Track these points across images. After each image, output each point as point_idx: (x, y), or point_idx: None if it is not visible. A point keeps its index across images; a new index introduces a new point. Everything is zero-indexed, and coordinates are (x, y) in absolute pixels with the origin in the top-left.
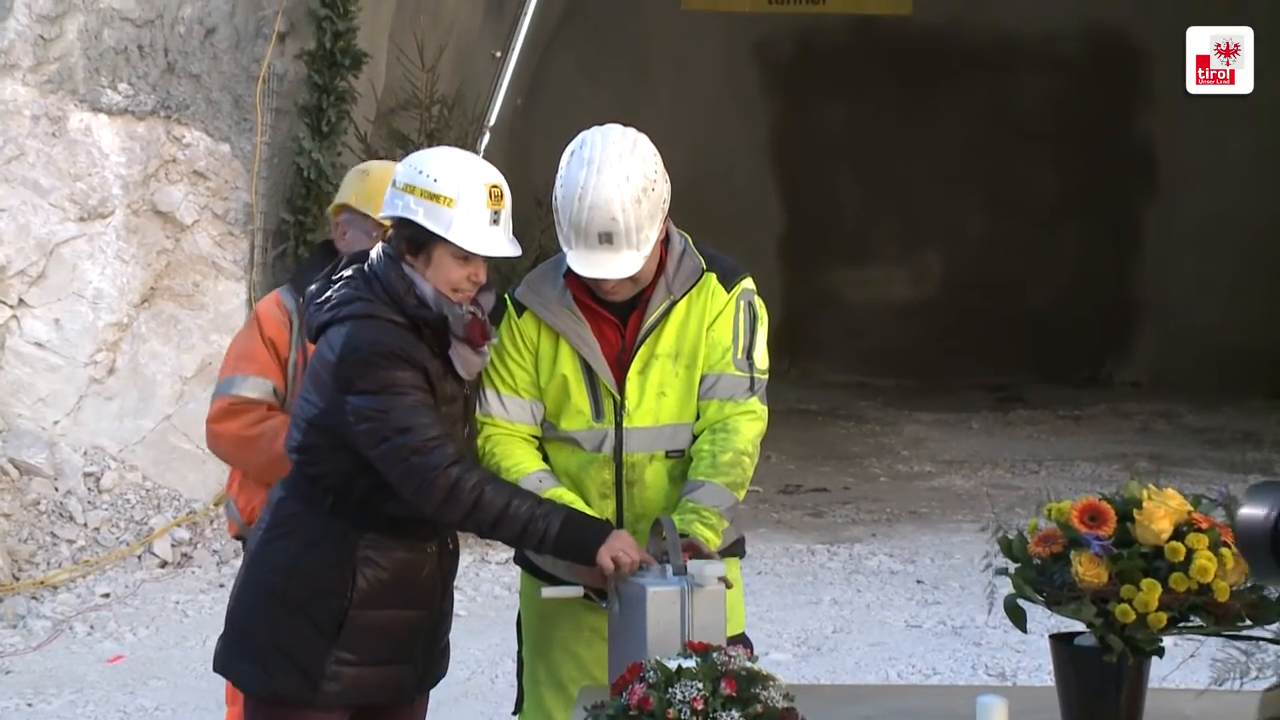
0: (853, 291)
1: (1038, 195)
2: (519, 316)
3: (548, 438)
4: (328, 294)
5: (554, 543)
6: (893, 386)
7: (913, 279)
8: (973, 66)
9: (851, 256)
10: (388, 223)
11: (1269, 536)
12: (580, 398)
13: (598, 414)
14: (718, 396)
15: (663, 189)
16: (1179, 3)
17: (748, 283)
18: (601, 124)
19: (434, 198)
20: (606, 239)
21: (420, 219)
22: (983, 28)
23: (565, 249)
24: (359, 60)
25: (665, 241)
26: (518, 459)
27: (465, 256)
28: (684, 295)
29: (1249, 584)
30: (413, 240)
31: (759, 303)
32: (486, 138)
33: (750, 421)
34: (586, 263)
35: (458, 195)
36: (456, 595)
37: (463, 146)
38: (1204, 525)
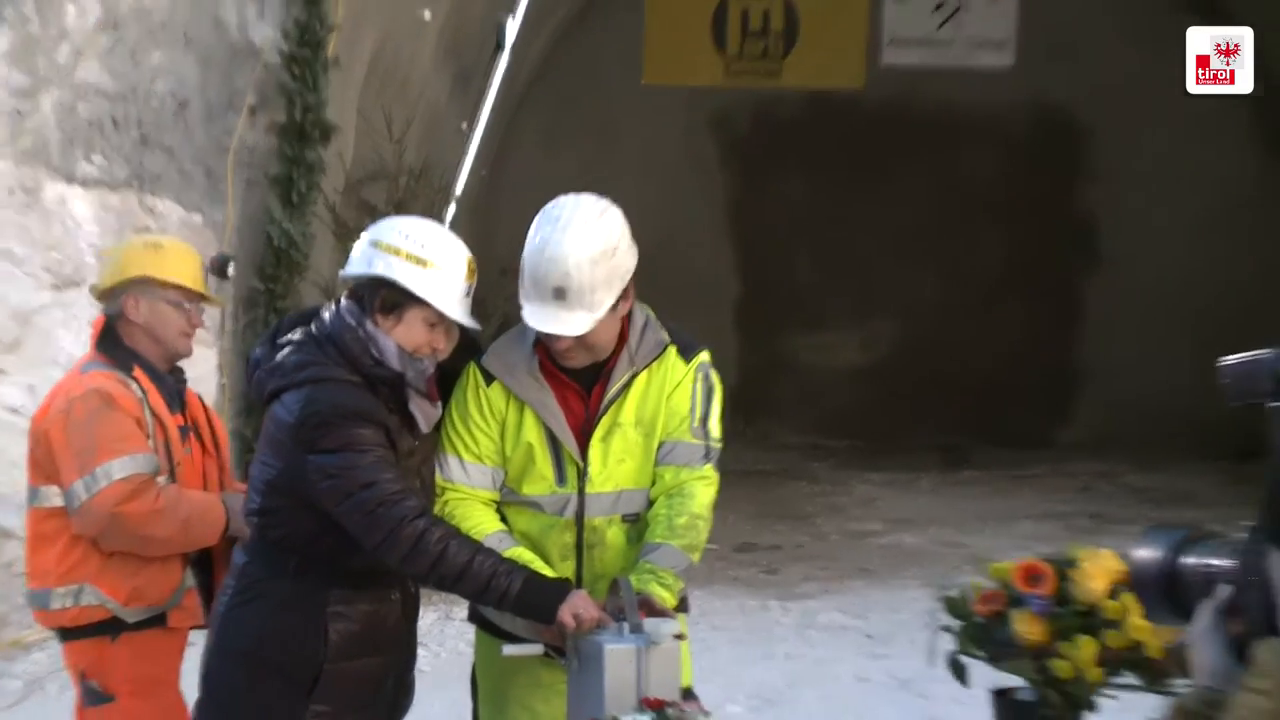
0: (807, 356)
1: (985, 266)
2: (488, 385)
3: (509, 502)
4: (277, 359)
5: (515, 601)
6: (845, 447)
7: (865, 345)
8: (923, 141)
9: (806, 323)
10: (201, 289)
11: (1161, 578)
12: (544, 464)
13: (560, 479)
14: (675, 462)
15: (625, 259)
16: (1118, 83)
17: (705, 356)
18: (565, 194)
19: (420, 262)
20: (560, 294)
21: (402, 280)
22: (932, 104)
23: (523, 303)
24: (328, 132)
25: (629, 314)
26: (477, 520)
27: (434, 322)
28: (645, 367)
29: (1182, 642)
30: (388, 299)
31: (715, 375)
32: (453, 208)
33: (705, 487)
34: (538, 316)
35: (442, 263)
36: (421, 651)
37: (429, 216)
38: None
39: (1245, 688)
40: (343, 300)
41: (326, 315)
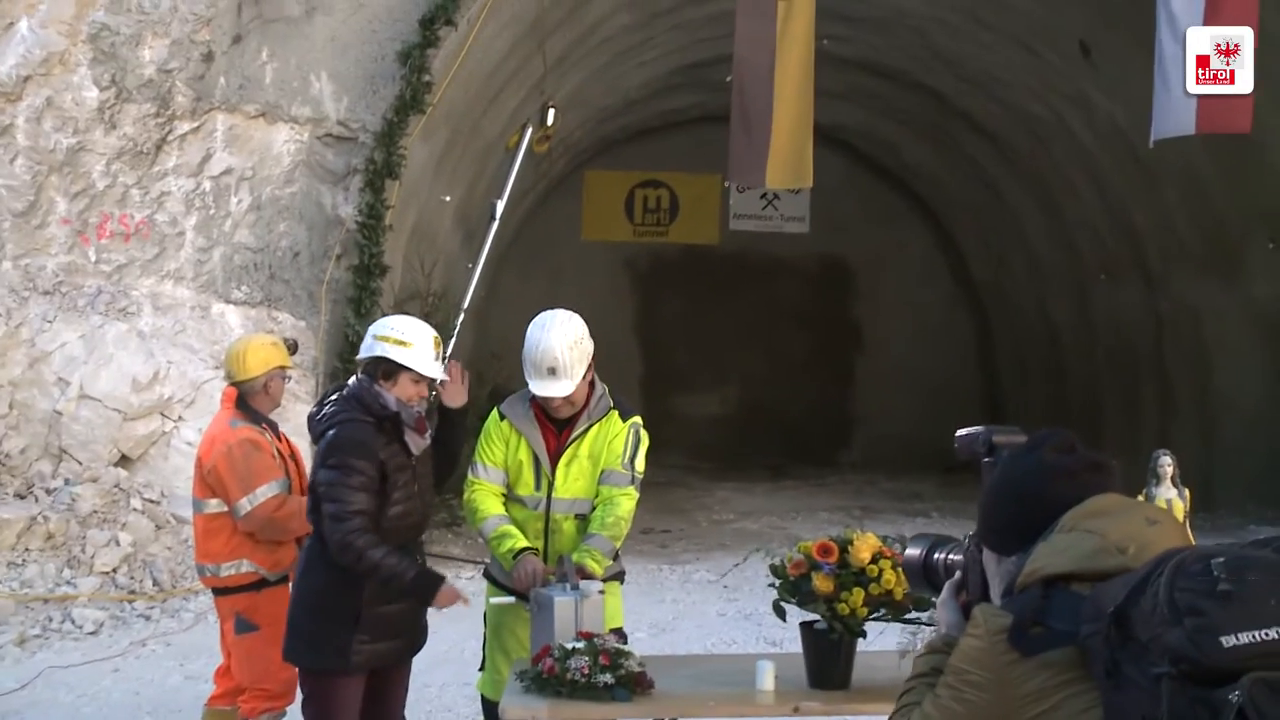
0: (684, 409)
1: (793, 352)
2: (501, 421)
3: (509, 499)
4: (323, 412)
5: (407, 586)
6: (709, 467)
7: (720, 401)
8: (755, 275)
9: (683, 388)
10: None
11: (921, 567)
12: (529, 475)
13: (538, 486)
14: (609, 484)
15: (587, 346)
16: (869, 247)
17: (638, 419)
18: (532, 311)
19: (402, 344)
20: (551, 371)
21: (393, 356)
22: (759, 251)
23: (528, 380)
24: (384, 271)
25: (592, 385)
26: (488, 505)
27: (418, 379)
28: (596, 422)
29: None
30: (386, 370)
31: (644, 433)
32: (462, 316)
33: (628, 500)
34: (540, 387)
35: (417, 342)
36: None
37: (446, 325)
38: (888, 555)
39: (966, 635)
40: (359, 373)
41: (351, 383)
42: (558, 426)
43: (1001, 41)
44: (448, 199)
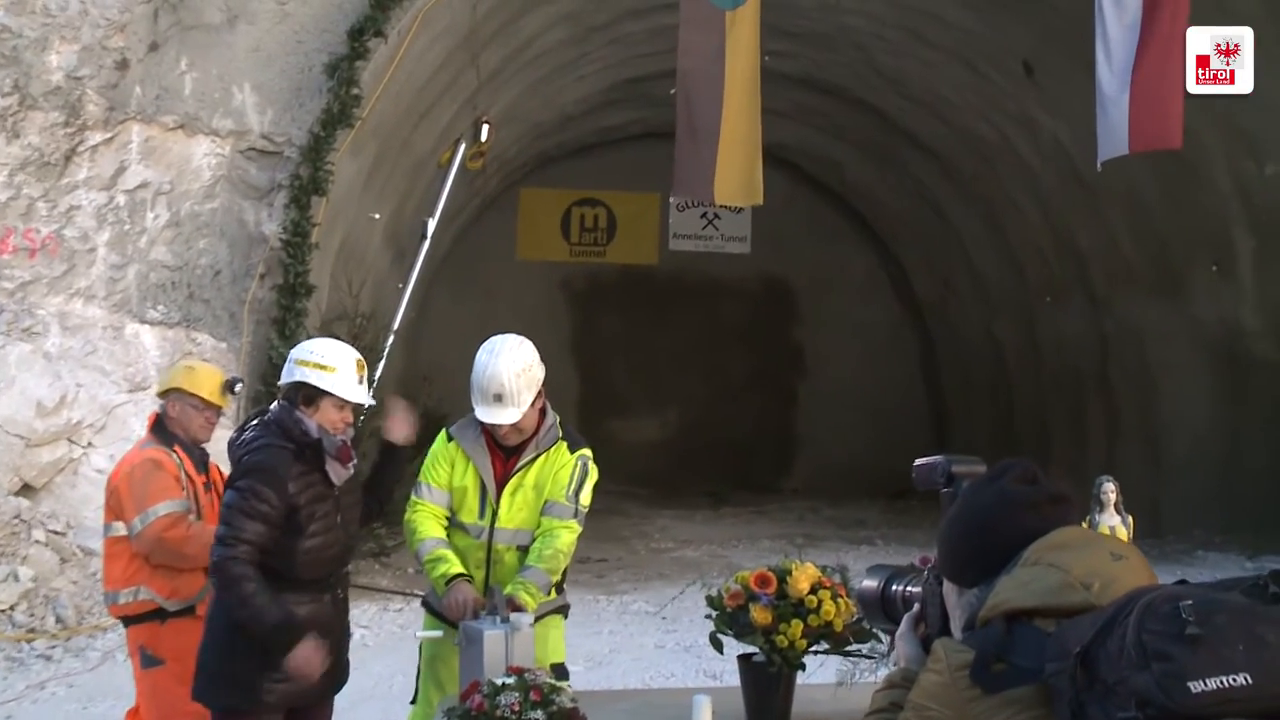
0: (622, 434)
1: (734, 374)
2: (449, 442)
3: (451, 525)
4: (243, 437)
5: (265, 631)
6: (648, 494)
7: (659, 426)
8: (694, 296)
9: (620, 412)
10: (218, 400)
11: (879, 599)
12: (473, 501)
13: (481, 514)
14: (551, 515)
15: (537, 372)
16: (813, 265)
17: (587, 451)
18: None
19: (323, 368)
20: (498, 398)
21: (314, 381)
22: (699, 272)
23: (474, 405)
24: (310, 290)
25: (543, 413)
26: (428, 527)
27: (342, 405)
28: (544, 452)
29: (855, 620)
30: (307, 396)
31: (593, 466)
32: (391, 338)
33: (568, 533)
34: (486, 413)
35: (339, 366)
36: (364, 633)
37: (375, 347)
38: (827, 585)
39: (926, 669)
40: (280, 399)
41: (272, 409)
42: (506, 454)
43: (945, 60)
44: (377, 217)
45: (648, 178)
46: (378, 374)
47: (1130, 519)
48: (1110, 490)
